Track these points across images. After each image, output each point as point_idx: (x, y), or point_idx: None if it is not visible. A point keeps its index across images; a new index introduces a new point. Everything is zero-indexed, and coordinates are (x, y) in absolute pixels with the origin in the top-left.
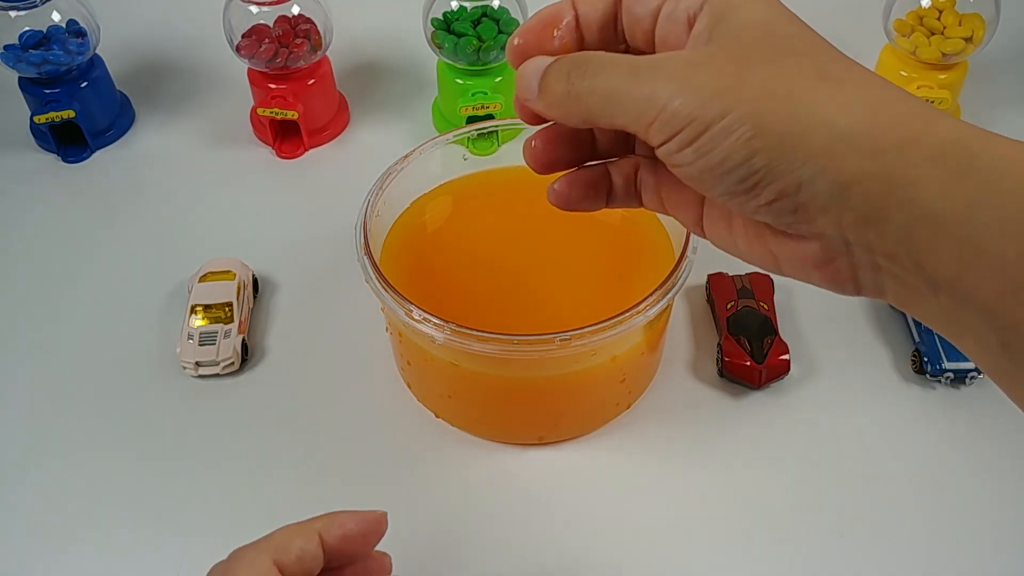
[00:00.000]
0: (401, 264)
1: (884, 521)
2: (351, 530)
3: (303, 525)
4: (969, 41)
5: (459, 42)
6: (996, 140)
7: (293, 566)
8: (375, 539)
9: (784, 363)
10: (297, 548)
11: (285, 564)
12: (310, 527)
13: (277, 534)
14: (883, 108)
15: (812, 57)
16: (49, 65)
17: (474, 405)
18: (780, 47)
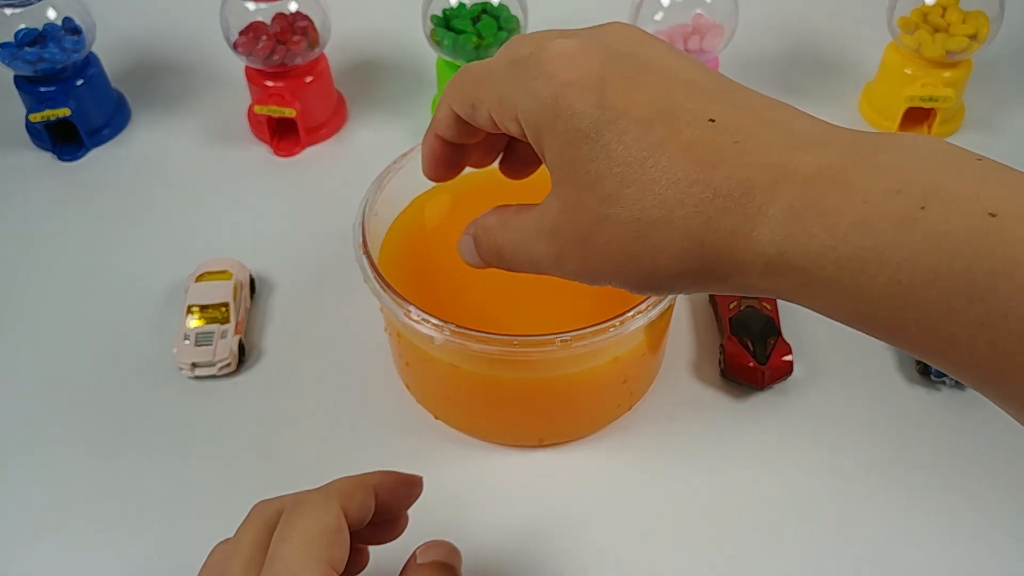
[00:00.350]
0: (400, 264)
1: (888, 523)
2: (399, 489)
3: (362, 478)
4: (973, 39)
5: (458, 39)
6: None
7: (354, 515)
8: (412, 500)
9: (787, 364)
10: (359, 499)
11: (349, 512)
12: (368, 481)
13: (340, 483)
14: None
15: (608, 177)
16: (45, 63)
17: (474, 406)
18: (581, 179)
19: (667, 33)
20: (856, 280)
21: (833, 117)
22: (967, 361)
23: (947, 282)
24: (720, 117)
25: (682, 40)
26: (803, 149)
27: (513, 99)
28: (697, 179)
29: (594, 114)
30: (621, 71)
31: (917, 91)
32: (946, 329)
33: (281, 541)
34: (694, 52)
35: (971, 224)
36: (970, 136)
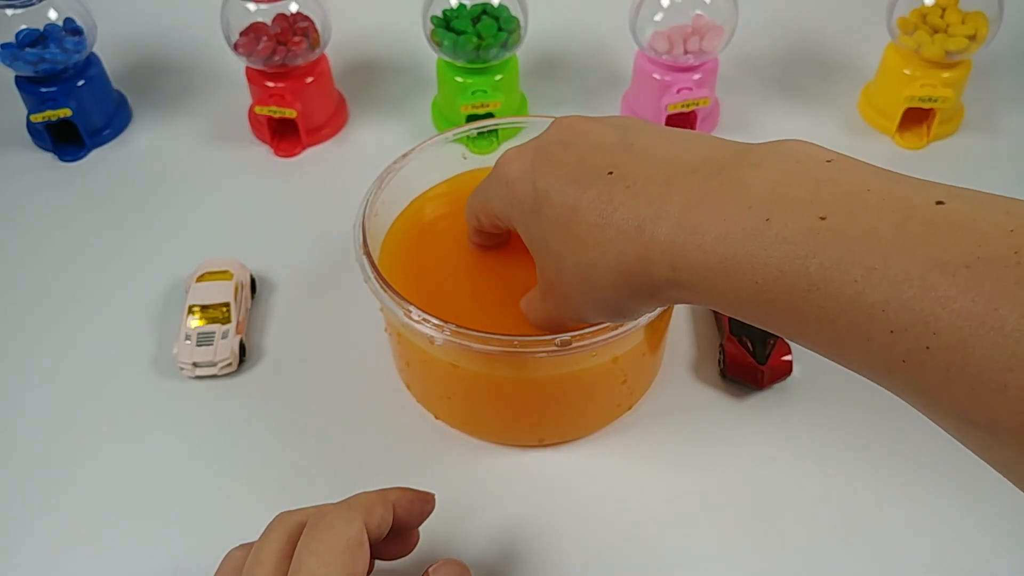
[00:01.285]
0: (400, 264)
1: (886, 524)
2: (414, 506)
3: (381, 494)
4: (972, 39)
5: (458, 40)
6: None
7: (375, 529)
8: (425, 517)
9: (787, 364)
10: (379, 514)
11: (370, 526)
12: (387, 496)
13: (362, 498)
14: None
15: (552, 240)
16: (46, 63)
17: (474, 406)
18: (539, 247)
19: (667, 34)
20: (728, 285)
21: (833, 117)
22: (818, 339)
23: (790, 278)
24: (617, 167)
25: (682, 40)
26: (680, 178)
27: (490, 203)
28: (605, 223)
29: (531, 196)
30: (545, 158)
31: (916, 91)
32: (798, 316)
33: (308, 552)
34: (694, 53)
35: (805, 227)
36: (969, 136)
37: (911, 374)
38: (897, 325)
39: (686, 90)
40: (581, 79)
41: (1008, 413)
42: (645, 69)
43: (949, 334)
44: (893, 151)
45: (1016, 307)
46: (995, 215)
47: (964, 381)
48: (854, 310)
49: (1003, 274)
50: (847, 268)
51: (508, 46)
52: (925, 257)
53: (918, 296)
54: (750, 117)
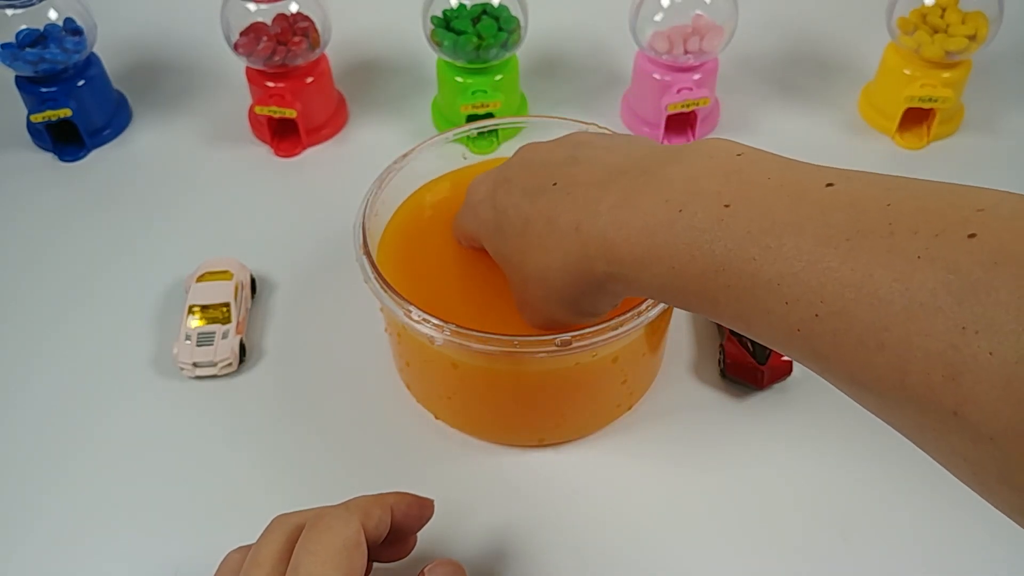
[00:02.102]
0: (400, 264)
1: (886, 523)
2: (413, 510)
3: (379, 497)
4: (972, 39)
5: (459, 40)
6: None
7: (372, 531)
8: (424, 522)
9: (787, 364)
10: (377, 516)
11: (367, 528)
12: (385, 500)
13: (360, 501)
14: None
15: (513, 253)
16: (46, 64)
17: (474, 406)
18: (504, 261)
19: (667, 34)
20: (652, 272)
21: (833, 117)
22: (729, 316)
23: (700, 261)
24: (560, 179)
25: (682, 40)
26: (614, 181)
27: (465, 229)
28: (551, 230)
29: (493, 216)
30: (503, 179)
31: (916, 91)
32: (711, 295)
33: (305, 553)
34: (694, 53)
35: (712, 215)
36: (969, 136)
37: (805, 341)
38: (791, 296)
39: (686, 90)
40: (581, 79)
41: (886, 370)
42: (645, 69)
43: (833, 301)
44: (893, 151)
45: (888, 272)
46: (876, 192)
47: (849, 344)
48: (754, 285)
49: (878, 244)
50: (747, 248)
51: (508, 46)
52: (813, 233)
53: (806, 269)
54: (750, 117)
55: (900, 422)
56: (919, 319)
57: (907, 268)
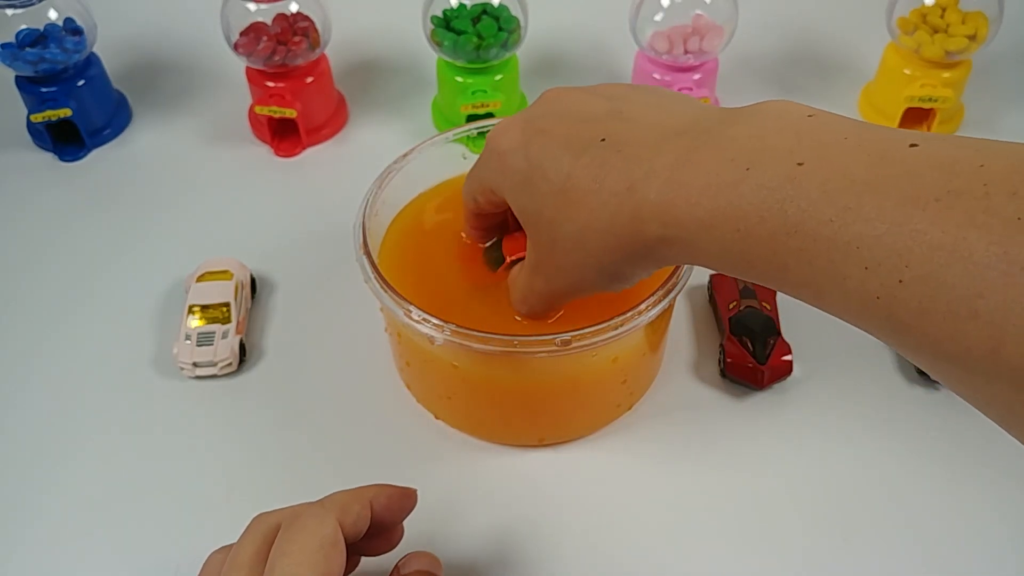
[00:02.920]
0: (400, 264)
1: (887, 523)
2: (393, 502)
3: (357, 492)
4: (972, 39)
5: (459, 40)
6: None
7: (350, 528)
8: (407, 513)
9: (787, 364)
10: (355, 512)
11: (345, 525)
12: (363, 494)
13: (337, 497)
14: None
15: (546, 209)
16: (46, 63)
17: (474, 406)
18: (533, 218)
19: (667, 34)
20: (713, 236)
21: None
22: (798, 282)
23: (770, 223)
24: (608, 135)
25: (682, 40)
26: (669, 141)
27: (484, 178)
28: (599, 188)
29: (524, 168)
30: (536, 130)
31: (916, 91)
32: (780, 260)
33: (281, 555)
34: (694, 53)
35: (783, 173)
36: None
37: (885, 310)
38: (871, 261)
39: (686, 90)
40: (581, 79)
41: (978, 340)
42: (645, 69)
43: (920, 265)
44: None
45: (984, 235)
46: (967, 153)
47: (936, 312)
48: (830, 249)
49: (972, 205)
50: (822, 209)
51: (508, 46)
52: (897, 194)
53: (890, 231)
54: None
55: (986, 399)
56: (1019, 286)
57: (1006, 231)
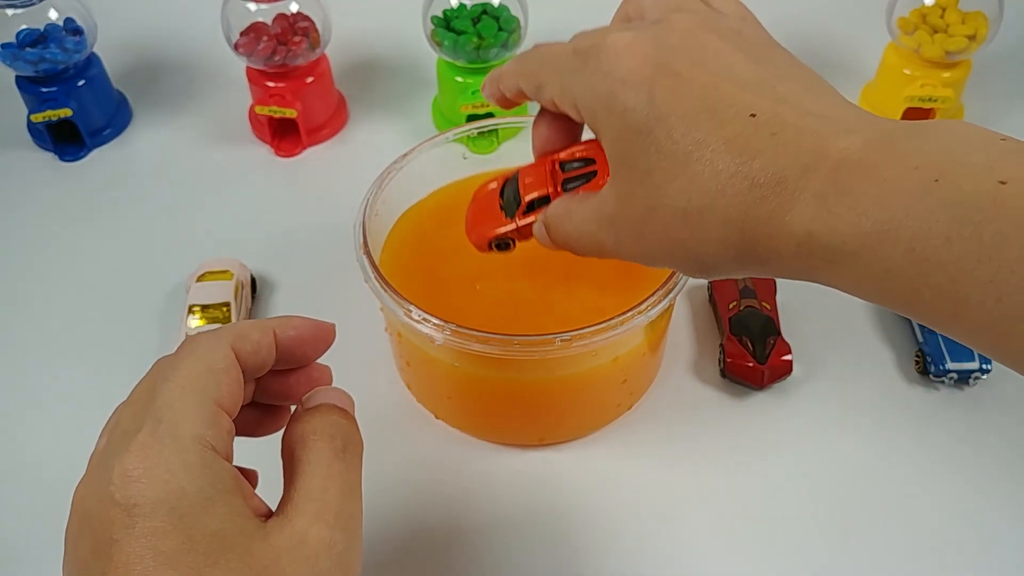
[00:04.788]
0: (400, 263)
1: (887, 522)
2: (303, 333)
3: (259, 321)
4: (972, 39)
5: (459, 40)
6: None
7: (249, 356)
8: (323, 347)
9: (787, 364)
10: (254, 339)
11: (242, 352)
12: (266, 324)
13: (235, 325)
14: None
15: (657, 170)
16: (46, 63)
17: (474, 406)
18: (634, 171)
19: None
20: (876, 253)
21: None
22: (978, 321)
23: (958, 245)
24: (760, 111)
25: None
26: (834, 138)
27: (573, 89)
28: (736, 171)
29: (644, 111)
30: (670, 68)
31: (916, 91)
32: (959, 291)
33: (163, 380)
34: None
35: (982, 190)
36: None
37: None
38: None
39: None
40: None
41: None
42: None
43: None
44: None
45: None
46: None
47: None
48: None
49: None
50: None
51: (508, 46)
52: None
53: None
54: None
55: None
56: None
57: None
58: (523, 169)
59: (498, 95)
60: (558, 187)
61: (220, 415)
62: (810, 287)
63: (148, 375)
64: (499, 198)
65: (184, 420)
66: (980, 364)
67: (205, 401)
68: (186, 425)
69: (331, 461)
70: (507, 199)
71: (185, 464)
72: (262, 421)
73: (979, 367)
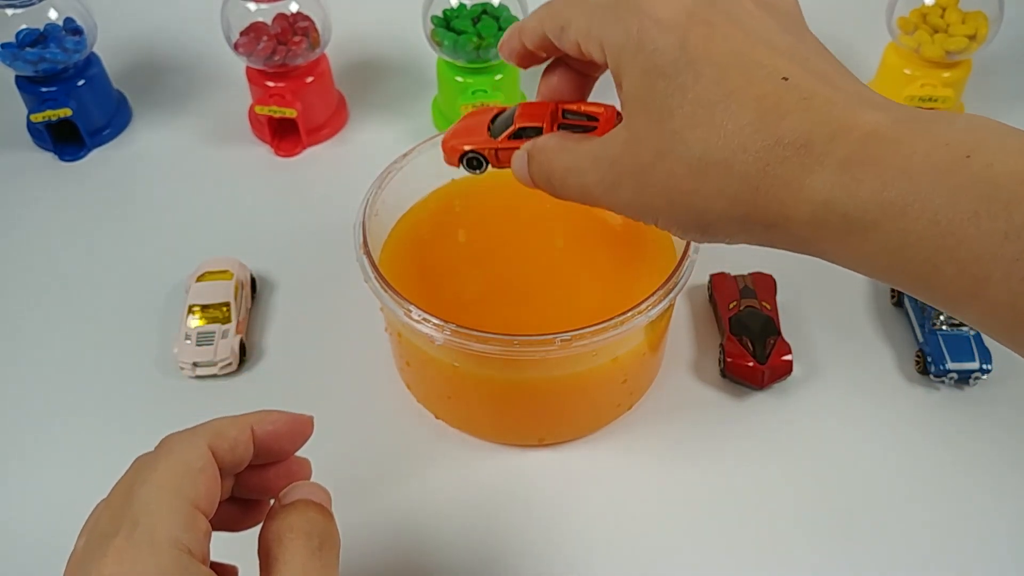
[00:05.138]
0: (400, 263)
1: (887, 522)
2: (280, 427)
3: (236, 417)
4: (972, 39)
5: (459, 39)
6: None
7: (227, 454)
8: (301, 440)
9: (787, 364)
10: (231, 437)
11: (219, 450)
12: (243, 420)
13: (212, 422)
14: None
15: (679, 114)
16: (46, 63)
17: (474, 406)
18: (653, 113)
19: None
20: (896, 223)
21: None
22: (998, 300)
23: (986, 221)
24: (793, 76)
25: None
26: (864, 110)
27: (602, 27)
28: (762, 128)
29: (675, 53)
30: (706, 18)
31: (916, 91)
32: (981, 269)
33: (141, 482)
34: None
35: (1014, 170)
36: None
37: None
38: None
39: None
40: None
41: None
42: None
43: None
44: None
45: None
46: None
47: None
48: None
49: None
50: None
51: None
52: None
53: None
54: None
55: None
56: None
57: None
58: (525, 103)
59: (518, 48)
60: (554, 127)
61: (197, 517)
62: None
63: (127, 474)
64: (491, 121)
65: (160, 523)
66: (980, 364)
67: (182, 503)
68: (162, 528)
69: (307, 559)
70: (498, 123)
71: (161, 569)
72: (241, 516)
73: (979, 367)
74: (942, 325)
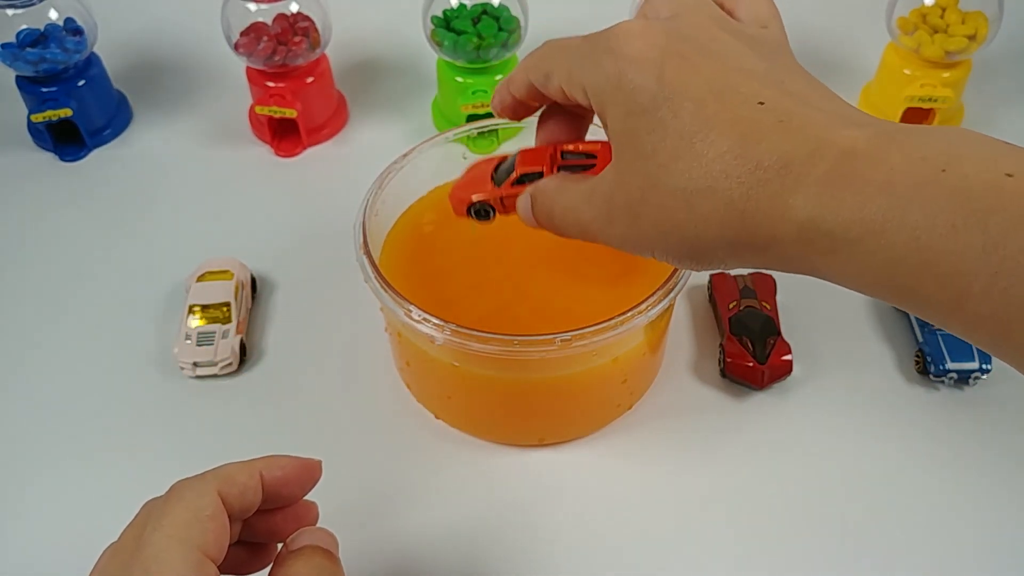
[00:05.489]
0: (400, 263)
1: (887, 522)
2: (289, 473)
3: (245, 463)
4: (972, 39)
5: (459, 40)
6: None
7: (235, 500)
8: (309, 486)
9: (787, 364)
10: (240, 483)
11: (228, 496)
12: (252, 465)
13: (222, 468)
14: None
15: (661, 149)
16: (46, 63)
17: (474, 406)
18: (638, 149)
19: None
20: (879, 240)
21: None
22: (981, 312)
23: (964, 235)
24: (769, 100)
25: None
26: (841, 128)
27: (582, 72)
28: (742, 153)
29: (652, 89)
30: (680, 52)
31: (916, 91)
32: (962, 282)
33: (152, 530)
34: None
35: (989, 182)
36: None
37: None
38: None
39: None
40: None
41: None
42: None
43: None
44: None
45: None
46: None
47: None
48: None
49: None
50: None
51: (508, 46)
52: None
53: None
54: None
55: None
56: None
57: None
58: (524, 149)
59: (508, 100)
60: (554, 169)
61: (205, 564)
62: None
63: (136, 520)
64: (493, 170)
65: (171, 572)
66: (980, 364)
67: (191, 551)
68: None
69: None
70: (500, 171)
71: None
72: (249, 560)
73: (979, 367)
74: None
